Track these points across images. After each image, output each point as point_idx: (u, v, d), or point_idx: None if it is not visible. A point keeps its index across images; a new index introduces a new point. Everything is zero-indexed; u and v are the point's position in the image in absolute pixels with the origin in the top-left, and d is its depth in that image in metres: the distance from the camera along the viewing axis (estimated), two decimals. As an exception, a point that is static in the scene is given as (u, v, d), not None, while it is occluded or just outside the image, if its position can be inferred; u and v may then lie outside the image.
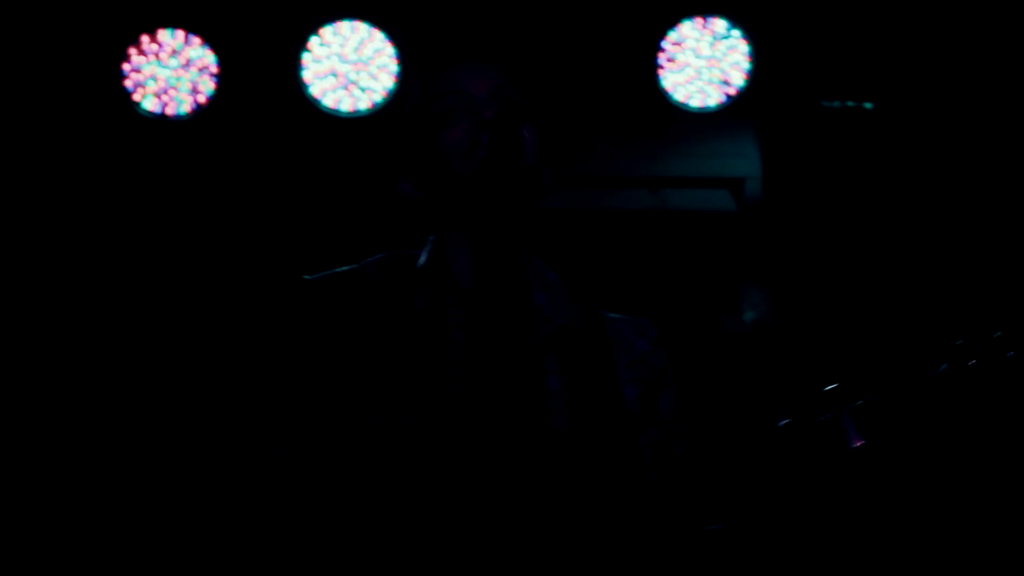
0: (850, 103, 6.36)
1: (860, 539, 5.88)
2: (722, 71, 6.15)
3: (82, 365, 6.22)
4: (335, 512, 2.73)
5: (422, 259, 2.92)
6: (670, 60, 6.16)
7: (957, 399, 2.52)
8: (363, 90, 6.20)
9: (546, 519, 2.63)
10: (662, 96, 6.14)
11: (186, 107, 6.21)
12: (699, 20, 6.14)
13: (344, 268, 2.97)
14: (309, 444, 2.82)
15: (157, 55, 6.20)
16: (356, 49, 6.19)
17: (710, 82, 6.16)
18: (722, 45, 6.15)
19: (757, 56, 6.11)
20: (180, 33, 6.20)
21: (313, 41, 6.18)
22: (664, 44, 6.14)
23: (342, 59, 6.20)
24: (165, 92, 6.21)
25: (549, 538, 2.61)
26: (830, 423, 2.59)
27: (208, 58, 6.21)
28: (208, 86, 6.22)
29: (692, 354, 6.35)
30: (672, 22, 6.13)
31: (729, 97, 6.15)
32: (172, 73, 6.21)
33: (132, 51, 6.18)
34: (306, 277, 2.94)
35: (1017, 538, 5.88)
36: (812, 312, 6.40)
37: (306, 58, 6.18)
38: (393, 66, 6.17)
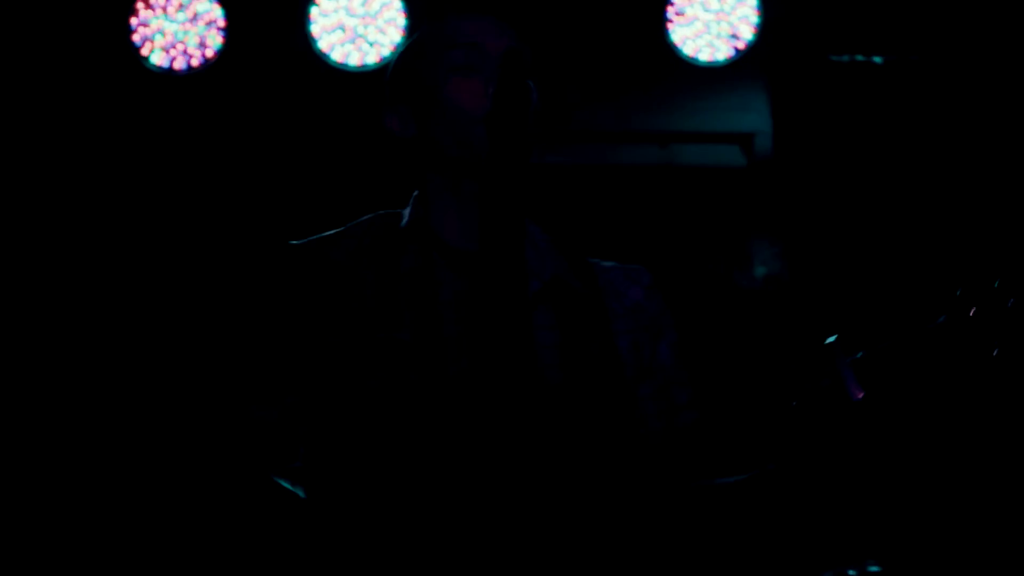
0: (859, 57, 6.33)
1: (863, 490, 5.90)
2: (731, 24, 6.12)
3: (79, 313, 6.22)
4: (334, 480, 2.72)
5: (406, 218, 2.89)
6: (679, 14, 6.13)
7: (957, 348, 2.47)
8: (371, 44, 6.18)
9: (547, 477, 2.60)
10: (671, 50, 6.10)
11: (194, 61, 6.20)
12: (708, -27, 6.12)
13: (331, 232, 2.96)
14: (303, 408, 2.81)
15: (164, 9, 6.19)
16: (364, 3, 6.16)
17: (719, 36, 6.13)
18: (731, -1, 6.13)
19: (766, 9, 6.08)
20: (187, -14, 6.19)
21: (320, -6, 6.16)
22: (673, -2, 6.11)
23: (350, 13, 6.17)
24: (173, 46, 6.20)
25: (551, 498, 2.60)
26: (831, 375, 2.59)
27: (216, 12, 6.20)
28: (216, 40, 6.20)
29: (702, 310, 6.37)
30: (681, -25, 6.10)
31: (738, 51, 6.12)
32: (180, 27, 6.19)
33: (139, 5, 6.16)
34: (292, 242, 2.94)
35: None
36: (823, 267, 6.39)
37: (314, 12, 6.16)
38: (401, 20, 6.15)
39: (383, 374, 2.69)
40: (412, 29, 6.09)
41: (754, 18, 6.10)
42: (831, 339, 2.59)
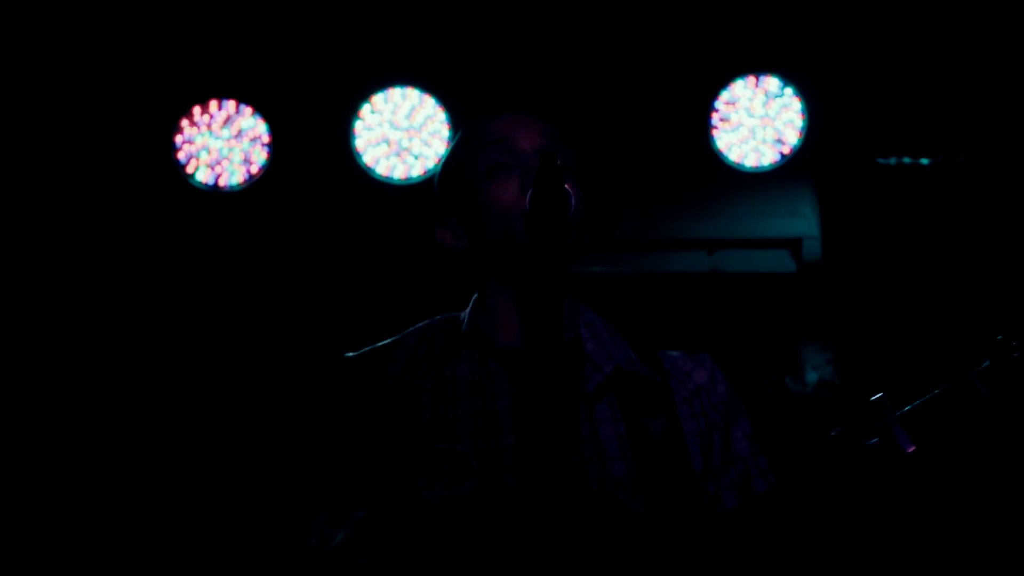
0: (906, 159, 6.31)
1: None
2: (776, 130, 6.11)
3: (134, 432, 6.19)
4: None
5: (465, 322, 2.89)
6: (723, 120, 6.13)
7: (1002, 393, 2.52)
8: (416, 157, 6.19)
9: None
10: (716, 157, 6.10)
11: (238, 178, 6.21)
12: (751, 78, 6.11)
13: (386, 341, 2.94)
14: (363, 523, 2.78)
15: (209, 126, 6.21)
16: (408, 116, 6.18)
17: (764, 141, 6.12)
18: (775, 103, 6.11)
19: (811, 114, 6.06)
20: (231, 103, 6.21)
21: (365, 109, 6.17)
22: (717, 104, 6.11)
23: (394, 126, 6.19)
24: (218, 163, 6.21)
25: None
26: (881, 431, 2.57)
27: (260, 128, 6.21)
28: (260, 156, 6.21)
29: (756, 416, 6.30)
30: (724, 81, 6.10)
31: (783, 156, 6.10)
32: (224, 144, 6.21)
33: (184, 122, 6.19)
34: (348, 355, 2.92)
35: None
36: (875, 371, 6.33)
37: (358, 126, 6.18)
38: (445, 131, 6.16)
39: (443, 485, 2.66)
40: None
41: (799, 122, 6.09)
42: (878, 396, 2.57)
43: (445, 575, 2.63)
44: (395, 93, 6.19)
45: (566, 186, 2.53)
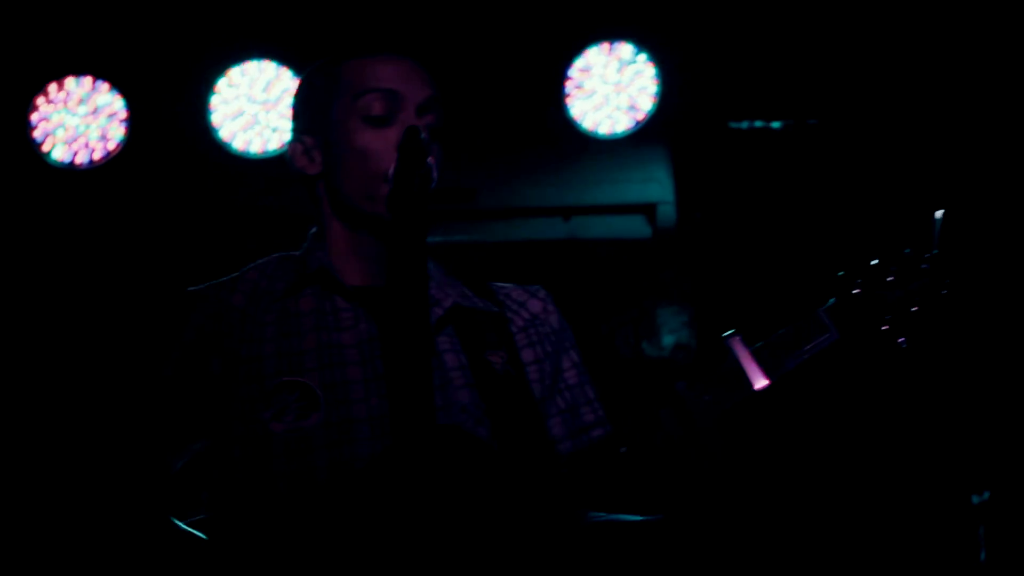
0: (758, 123, 6.38)
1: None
2: (630, 96, 6.15)
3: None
4: (240, 523, 2.71)
5: (305, 259, 2.88)
6: (578, 87, 6.15)
7: (847, 327, 2.67)
8: (273, 130, 6.18)
9: (460, 501, 2.59)
10: (571, 124, 6.13)
11: (96, 155, 6.17)
12: (605, 46, 6.14)
13: (227, 277, 2.94)
14: (210, 455, 2.80)
15: (65, 103, 6.17)
16: (264, 89, 6.17)
17: (618, 108, 6.15)
18: (629, 70, 6.15)
19: (664, 80, 6.11)
20: (88, 79, 6.17)
21: (221, 83, 6.16)
22: (571, 71, 6.13)
23: (251, 99, 6.17)
24: (75, 140, 6.17)
25: (462, 523, 2.58)
26: (732, 369, 2.64)
27: (117, 104, 6.18)
28: (118, 132, 6.17)
29: (613, 381, 6.36)
30: (578, 49, 6.13)
31: (637, 122, 6.15)
32: (81, 121, 6.17)
33: (40, 100, 6.14)
34: (189, 288, 2.91)
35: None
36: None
37: (215, 100, 6.16)
38: (301, 104, 6.13)
39: (289, 417, 2.68)
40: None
41: (652, 89, 6.13)
42: (729, 332, 2.67)
43: (291, 506, 2.63)
44: (251, 66, 6.18)
45: (429, 159, 2.53)
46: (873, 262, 2.72)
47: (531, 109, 6.21)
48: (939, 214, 2.71)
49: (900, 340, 2.68)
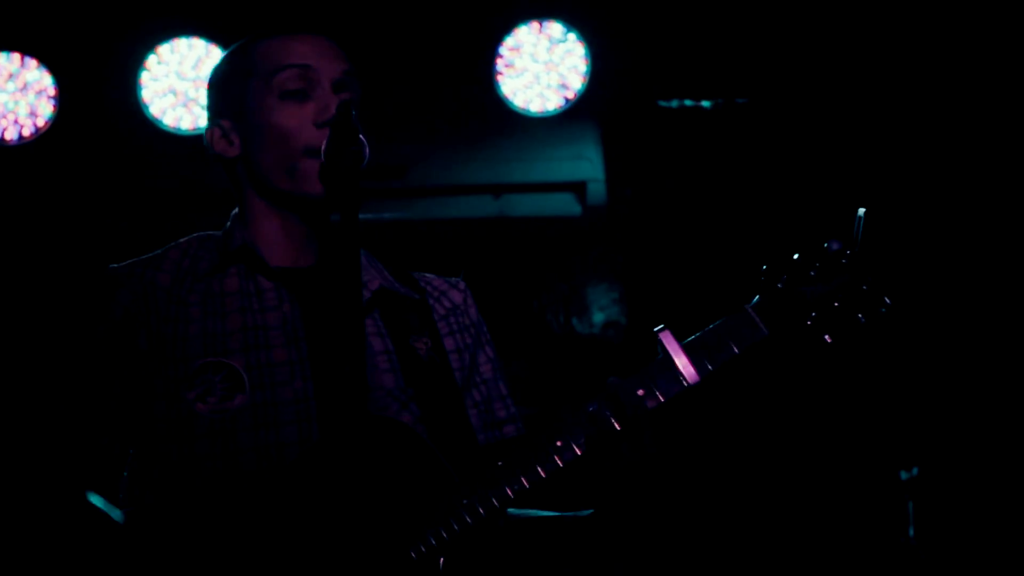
0: (688, 102, 6.41)
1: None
2: (560, 75, 6.16)
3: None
4: (162, 504, 2.70)
5: (227, 238, 2.87)
6: (508, 66, 6.16)
7: (774, 322, 2.67)
8: (203, 107, 6.14)
9: (382, 482, 2.59)
10: (502, 103, 6.14)
11: (26, 131, 6.13)
12: (535, 24, 6.15)
13: (150, 254, 2.93)
14: (133, 434, 2.79)
15: (-7, 79, 6.13)
16: (194, 66, 6.14)
17: (549, 86, 6.17)
18: (559, 49, 6.16)
19: (594, 59, 6.12)
20: (16, 56, 6.13)
21: (151, 59, 6.13)
22: (502, 50, 6.14)
23: (181, 76, 6.15)
24: (3, 116, 6.13)
25: (383, 505, 2.58)
26: (663, 362, 2.63)
27: (46, 80, 6.13)
28: (47, 109, 6.14)
29: (543, 359, 6.42)
30: (508, 27, 6.13)
31: (568, 101, 6.16)
32: (10, 97, 6.13)
33: (-31, 76, 6.10)
34: (112, 266, 2.91)
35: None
36: (660, 310, 6.44)
37: (144, 77, 6.13)
38: (232, 82, 6.11)
39: (213, 398, 2.69)
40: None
41: (583, 67, 6.14)
42: (659, 327, 2.66)
43: (216, 489, 2.64)
44: (181, 43, 6.15)
45: (360, 136, 2.56)
46: (795, 256, 2.73)
47: (463, 87, 6.22)
48: (861, 211, 2.73)
49: (825, 336, 2.70)
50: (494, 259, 6.52)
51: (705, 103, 6.43)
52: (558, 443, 2.62)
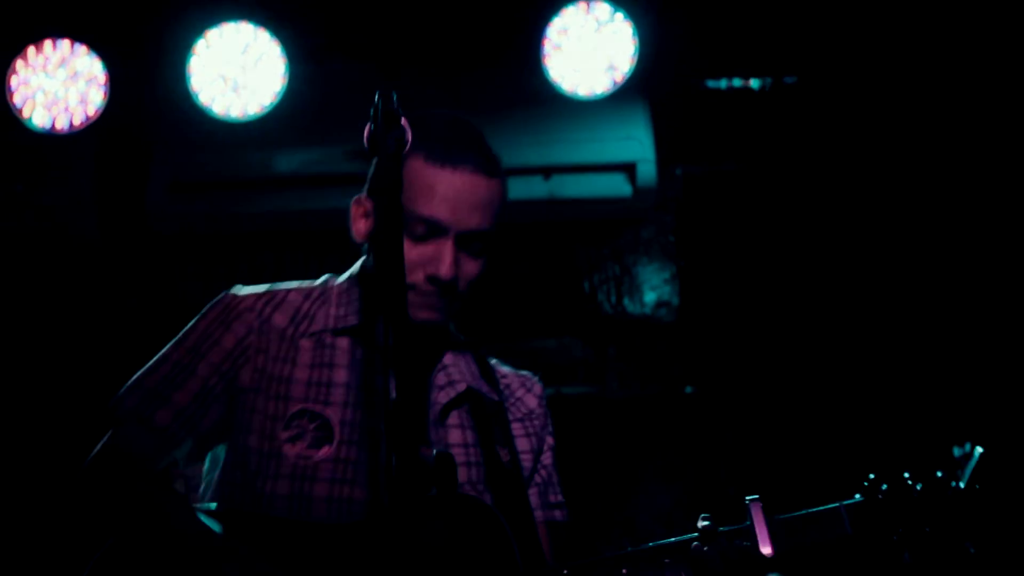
0: (736, 82, 6.41)
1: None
2: (608, 56, 6.14)
3: None
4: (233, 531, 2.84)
5: (344, 313, 3.07)
6: (556, 48, 6.15)
7: (862, 528, 2.92)
8: (252, 94, 6.14)
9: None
10: (550, 86, 6.13)
11: (76, 119, 6.14)
12: (582, 4, 6.11)
13: (281, 288, 3.10)
14: (219, 458, 3.00)
15: (44, 67, 6.13)
16: (243, 52, 6.12)
17: (597, 68, 6.15)
18: (607, 30, 6.14)
19: (641, 39, 6.10)
20: (66, 43, 6.13)
21: (199, 45, 6.12)
22: (549, 32, 6.12)
23: (229, 62, 6.14)
24: (54, 104, 6.14)
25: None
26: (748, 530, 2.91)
27: (96, 67, 6.13)
28: (97, 97, 6.14)
29: (597, 339, 6.44)
30: (555, 9, 6.11)
31: (616, 83, 6.13)
32: (61, 85, 6.14)
33: (19, 63, 6.11)
34: (237, 293, 3.09)
35: None
36: (712, 291, 6.46)
37: (193, 63, 6.12)
38: (281, 66, 6.11)
39: (303, 443, 2.90)
40: (293, 74, 6.05)
41: (630, 48, 6.12)
42: (752, 497, 2.94)
43: (291, 530, 2.81)
44: (228, 28, 6.14)
45: (403, 121, 2.72)
46: (905, 474, 2.94)
47: (511, 71, 6.22)
48: (979, 451, 2.92)
49: (904, 554, 2.91)
50: (545, 239, 6.53)
51: (754, 82, 6.42)
52: (665, 560, 2.91)
